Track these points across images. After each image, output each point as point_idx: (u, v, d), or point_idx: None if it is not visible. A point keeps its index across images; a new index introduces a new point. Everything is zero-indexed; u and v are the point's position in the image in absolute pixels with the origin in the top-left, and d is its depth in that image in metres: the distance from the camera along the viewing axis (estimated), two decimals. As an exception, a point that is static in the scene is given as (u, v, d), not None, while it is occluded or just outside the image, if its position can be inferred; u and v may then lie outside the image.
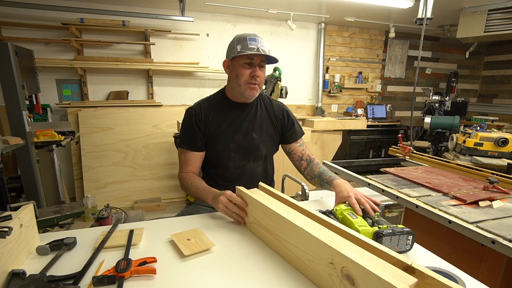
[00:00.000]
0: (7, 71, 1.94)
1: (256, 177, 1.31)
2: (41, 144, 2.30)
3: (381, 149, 4.57)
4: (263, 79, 1.23)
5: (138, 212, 2.88)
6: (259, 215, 0.92)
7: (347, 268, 0.61)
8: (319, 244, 0.68)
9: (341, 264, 0.62)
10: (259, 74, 1.19)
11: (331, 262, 0.65)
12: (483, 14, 3.42)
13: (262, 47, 1.16)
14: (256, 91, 1.22)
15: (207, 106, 1.29)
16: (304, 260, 0.73)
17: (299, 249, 0.75)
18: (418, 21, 2.73)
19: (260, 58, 1.18)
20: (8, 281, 0.68)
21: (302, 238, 0.73)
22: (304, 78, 4.45)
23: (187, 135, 1.27)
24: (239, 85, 1.21)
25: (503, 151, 2.26)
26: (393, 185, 1.51)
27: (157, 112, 3.50)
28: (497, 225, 1.07)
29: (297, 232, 0.75)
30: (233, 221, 1.06)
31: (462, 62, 5.32)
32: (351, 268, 0.60)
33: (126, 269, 0.72)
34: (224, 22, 3.86)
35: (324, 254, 0.66)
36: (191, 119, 1.26)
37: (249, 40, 1.16)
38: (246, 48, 1.14)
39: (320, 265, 0.68)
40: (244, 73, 1.18)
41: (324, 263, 0.67)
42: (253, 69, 1.18)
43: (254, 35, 1.18)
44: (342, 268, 0.62)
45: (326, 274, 0.67)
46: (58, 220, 1.85)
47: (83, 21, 3.15)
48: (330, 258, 0.65)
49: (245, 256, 0.84)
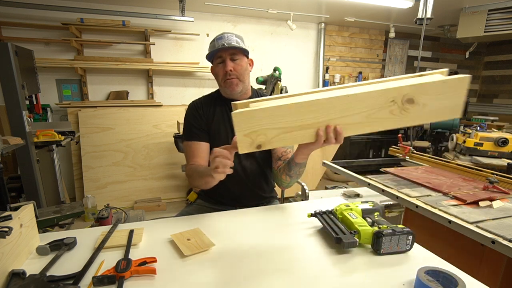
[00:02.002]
0: (7, 71, 1.94)
1: (255, 176, 1.31)
2: (41, 144, 2.30)
3: (381, 149, 4.57)
4: (240, 70, 1.21)
5: (138, 212, 2.88)
6: (279, 121, 0.79)
7: (408, 95, 0.77)
8: (378, 94, 0.78)
9: (401, 95, 0.77)
10: (231, 67, 1.19)
11: (392, 100, 0.78)
12: (483, 14, 3.42)
13: (228, 41, 1.17)
14: (235, 85, 1.21)
15: (209, 101, 1.32)
16: (362, 119, 0.80)
17: (354, 115, 0.80)
18: (418, 21, 2.73)
19: (229, 52, 1.19)
20: (8, 281, 0.68)
21: (356, 103, 0.79)
22: (304, 78, 4.45)
23: (192, 126, 1.27)
24: (220, 85, 1.26)
25: (503, 151, 2.26)
26: (393, 185, 1.51)
27: (157, 112, 3.51)
28: (497, 225, 1.07)
29: (350, 101, 0.79)
30: (232, 221, 1.06)
31: (462, 62, 5.32)
32: (412, 91, 0.77)
33: (126, 269, 0.72)
34: (224, 22, 3.86)
35: (385, 99, 0.78)
36: (195, 112, 1.29)
37: (216, 40, 1.20)
38: (213, 49, 1.19)
39: (381, 112, 0.79)
40: (219, 71, 1.22)
41: (385, 106, 0.79)
42: (223, 64, 1.20)
43: (221, 34, 1.21)
44: (404, 96, 0.77)
45: (386, 113, 0.79)
46: (58, 220, 1.85)
47: (83, 21, 3.15)
48: (392, 97, 0.78)
49: (245, 256, 0.84)
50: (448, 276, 0.69)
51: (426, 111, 0.80)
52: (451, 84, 0.78)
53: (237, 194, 1.31)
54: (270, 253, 0.86)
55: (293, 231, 0.99)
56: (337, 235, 0.86)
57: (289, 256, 0.84)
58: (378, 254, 0.84)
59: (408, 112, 0.80)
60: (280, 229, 1.01)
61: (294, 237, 0.95)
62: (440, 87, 0.79)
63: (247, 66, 1.25)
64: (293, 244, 0.90)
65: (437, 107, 0.80)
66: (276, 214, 1.13)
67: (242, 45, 1.20)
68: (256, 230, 1.00)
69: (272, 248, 0.88)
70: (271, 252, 0.86)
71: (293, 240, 0.93)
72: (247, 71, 1.25)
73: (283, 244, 0.91)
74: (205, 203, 1.37)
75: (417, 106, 0.79)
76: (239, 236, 0.96)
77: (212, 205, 1.35)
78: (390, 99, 0.78)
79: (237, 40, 1.20)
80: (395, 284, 0.72)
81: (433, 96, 0.79)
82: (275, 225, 1.03)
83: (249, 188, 1.31)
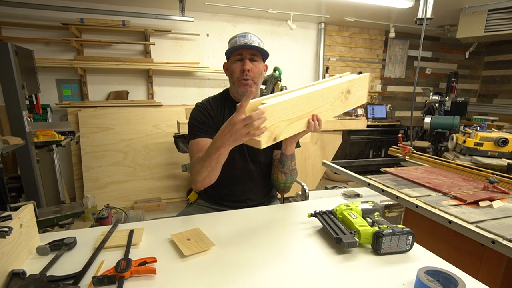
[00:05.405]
0: (7, 71, 1.94)
1: (258, 178, 1.31)
2: (41, 144, 2.30)
3: (381, 149, 4.57)
4: (256, 73, 1.20)
5: (138, 212, 2.88)
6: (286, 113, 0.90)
7: (347, 87, 1.11)
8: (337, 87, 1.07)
9: (345, 87, 1.10)
10: (249, 67, 1.17)
11: (341, 92, 1.09)
12: (483, 14, 3.42)
13: (251, 41, 1.16)
14: (250, 86, 1.19)
15: (215, 104, 1.29)
16: (328, 108, 1.06)
17: (324, 104, 1.03)
18: (418, 21, 2.73)
19: (250, 52, 1.17)
20: (8, 281, 0.68)
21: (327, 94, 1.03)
22: (304, 78, 4.45)
23: (200, 124, 1.22)
24: (233, 83, 1.22)
25: (503, 151, 2.27)
26: (393, 185, 1.51)
27: (157, 112, 3.50)
28: (497, 225, 1.07)
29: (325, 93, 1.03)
30: (232, 221, 1.06)
31: (462, 62, 5.32)
32: (350, 85, 1.12)
33: (126, 269, 0.72)
34: (224, 22, 3.86)
35: (339, 91, 1.08)
36: (202, 112, 1.24)
37: (238, 37, 1.18)
38: (235, 45, 1.16)
39: (336, 101, 1.08)
40: (235, 69, 1.18)
41: (338, 96, 1.09)
42: (242, 62, 1.18)
43: (245, 32, 1.20)
44: (346, 89, 1.11)
45: (339, 102, 1.10)
46: (58, 220, 1.85)
47: (83, 21, 3.15)
48: (342, 89, 1.09)
49: (245, 256, 0.84)
50: (448, 276, 0.69)
51: (354, 99, 1.16)
52: (363, 79, 1.19)
53: (239, 196, 1.31)
54: (270, 253, 0.86)
55: (293, 231, 0.99)
56: (337, 235, 0.86)
57: (289, 256, 0.84)
58: (378, 254, 0.84)
59: (348, 100, 1.13)
60: (280, 229, 1.01)
61: (294, 237, 0.95)
62: (359, 82, 1.16)
63: (263, 70, 1.24)
64: (293, 244, 0.90)
65: (357, 96, 1.18)
66: (276, 214, 1.13)
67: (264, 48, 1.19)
68: (256, 230, 1.00)
69: (272, 248, 0.88)
70: (271, 252, 0.86)
71: (293, 240, 0.93)
72: (262, 75, 1.23)
73: (283, 244, 0.91)
74: (206, 203, 1.37)
75: (351, 96, 1.14)
76: (239, 236, 0.96)
77: (212, 205, 1.35)
78: (341, 91, 1.09)
79: (259, 42, 1.19)
80: (395, 284, 0.72)
81: (357, 88, 1.16)
82: (275, 225, 1.03)
83: (251, 190, 1.31)
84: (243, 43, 1.15)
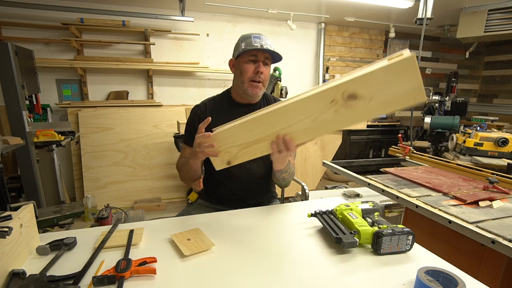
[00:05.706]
0: (7, 71, 1.94)
1: (258, 178, 1.31)
2: (41, 144, 2.30)
3: (381, 149, 4.57)
4: (267, 77, 1.21)
5: (138, 212, 2.88)
6: (237, 139, 0.90)
7: (347, 91, 0.74)
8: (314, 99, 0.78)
9: (340, 93, 0.74)
10: (263, 70, 1.18)
11: (331, 101, 0.76)
12: (483, 14, 3.42)
13: (266, 45, 1.16)
14: (259, 89, 1.21)
15: (212, 106, 1.29)
16: (309, 125, 0.82)
17: (299, 122, 0.83)
18: (418, 21, 2.73)
19: (264, 55, 1.18)
20: (8, 281, 0.68)
21: (299, 110, 0.81)
22: (304, 78, 4.45)
23: (190, 131, 1.27)
24: (242, 82, 1.20)
25: (503, 151, 2.27)
26: (393, 185, 1.51)
27: (157, 112, 3.50)
28: (497, 225, 1.07)
29: (289, 111, 0.82)
30: (232, 221, 1.06)
31: (462, 62, 5.32)
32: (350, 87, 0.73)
33: (126, 269, 0.72)
34: (224, 22, 3.86)
35: (323, 102, 0.77)
36: (195, 117, 1.28)
37: (253, 38, 1.17)
38: (250, 45, 1.15)
39: (324, 114, 0.79)
40: (248, 69, 1.18)
41: (327, 107, 0.78)
42: (257, 65, 1.18)
43: (259, 34, 1.20)
44: (343, 93, 0.74)
45: (331, 114, 0.78)
46: (58, 220, 1.85)
47: (83, 21, 3.14)
48: (331, 98, 0.76)
49: (245, 256, 0.84)
50: (448, 276, 0.69)
51: (376, 103, 0.74)
52: (394, 69, 0.68)
53: (239, 195, 1.31)
54: (270, 253, 0.86)
55: (293, 231, 0.99)
56: (337, 235, 0.86)
57: (289, 256, 0.84)
58: (378, 254, 0.84)
59: (354, 108, 0.76)
60: (280, 229, 1.01)
61: (294, 237, 0.95)
62: (381, 76, 0.70)
63: (269, 74, 1.27)
64: (293, 244, 0.90)
65: (388, 97, 0.73)
66: (276, 214, 1.13)
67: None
68: (256, 230, 1.00)
69: (272, 248, 0.88)
70: (271, 252, 0.86)
71: (293, 240, 0.93)
72: (268, 79, 1.26)
73: (283, 244, 0.91)
74: (206, 203, 1.37)
75: (362, 101, 0.74)
76: (239, 236, 0.96)
77: (212, 205, 1.35)
78: (329, 100, 0.76)
79: (274, 47, 1.19)
80: (395, 284, 0.72)
81: (378, 86, 0.72)
82: (275, 225, 1.03)
83: (251, 189, 1.31)
84: (259, 45, 1.15)
